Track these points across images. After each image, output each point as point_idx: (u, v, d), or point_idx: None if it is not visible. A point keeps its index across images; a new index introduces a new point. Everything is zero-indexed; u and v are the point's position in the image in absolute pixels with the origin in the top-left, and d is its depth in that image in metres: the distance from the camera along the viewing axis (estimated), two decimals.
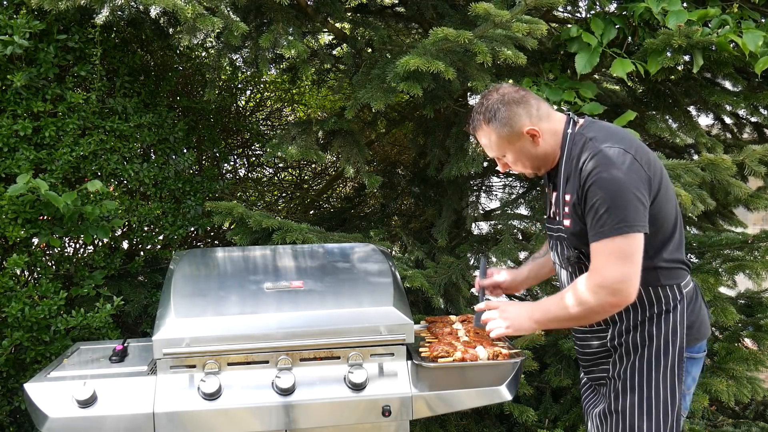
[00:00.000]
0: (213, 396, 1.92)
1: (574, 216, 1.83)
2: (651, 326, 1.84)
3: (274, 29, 2.80)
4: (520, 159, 1.92)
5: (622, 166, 1.73)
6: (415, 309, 3.11)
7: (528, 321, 1.88)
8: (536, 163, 1.93)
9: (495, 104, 1.87)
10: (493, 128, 1.88)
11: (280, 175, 4.80)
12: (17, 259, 2.55)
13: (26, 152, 2.65)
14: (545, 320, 1.88)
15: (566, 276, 1.98)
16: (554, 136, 1.89)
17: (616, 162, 1.74)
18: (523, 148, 1.89)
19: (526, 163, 1.93)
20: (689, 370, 1.88)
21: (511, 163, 1.95)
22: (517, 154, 1.91)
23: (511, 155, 1.92)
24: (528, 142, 1.88)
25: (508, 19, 2.50)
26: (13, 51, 2.56)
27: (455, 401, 2.07)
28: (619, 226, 1.70)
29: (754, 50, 2.67)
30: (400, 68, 2.52)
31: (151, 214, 3.02)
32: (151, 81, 3.17)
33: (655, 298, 1.84)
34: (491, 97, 1.90)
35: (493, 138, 1.90)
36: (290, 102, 4.53)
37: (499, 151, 1.92)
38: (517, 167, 1.96)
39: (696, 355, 1.90)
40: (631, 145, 1.79)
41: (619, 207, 1.70)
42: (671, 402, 1.83)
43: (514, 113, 1.85)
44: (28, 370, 2.71)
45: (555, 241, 1.98)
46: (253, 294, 2.11)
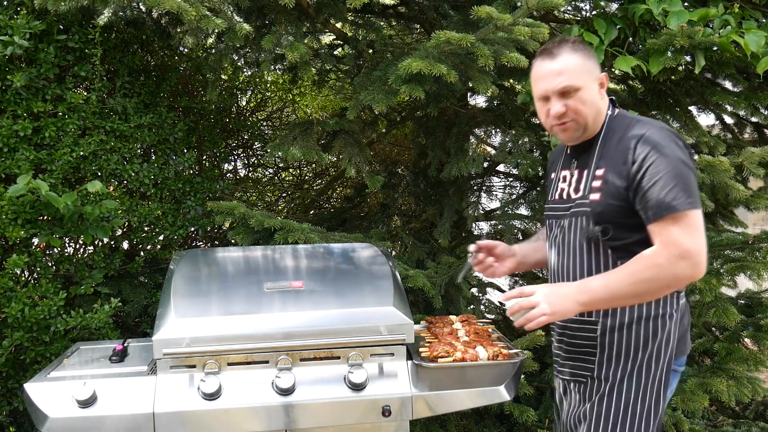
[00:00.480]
0: (213, 396, 1.91)
1: (608, 191, 1.78)
2: (647, 329, 1.80)
3: (276, 30, 2.80)
4: (589, 102, 1.83)
5: (680, 147, 1.75)
6: (416, 309, 3.11)
7: (573, 304, 1.73)
8: (591, 116, 1.84)
9: (576, 40, 1.88)
10: (580, 55, 1.83)
11: (280, 175, 4.80)
12: (17, 260, 2.55)
13: (26, 152, 2.65)
14: (596, 300, 1.74)
15: (574, 257, 1.89)
16: (604, 103, 1.89)
17: (675, 142, 1.75)
18: (593, 91, 1.84)
19: (588, 110, 1.83)
20: (672, 382, 1.86)
21: (579, 101, 1.82)
22: (589, 94, 1.83)
23: (584, 92, 1.82)
24: (597, 90, 1.86)
25: (510, 23, 2.50)
26: (14, 51, 2.56)
27: (455, 401, 2.07)
28: (690, 200, 1.69)
29: (756, 50, 2.66)
30: (402, 71, 2.51)
31: (151, 215, 3.01)
32: (152, 81, 3.17)
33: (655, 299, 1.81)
34: (569, 39, 1.90)
35: (577, 63, 1.82)
36: (291, 102, 4.53)
37: (578, 79, 1.81)
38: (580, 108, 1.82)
39: (679, 368, 1.89)
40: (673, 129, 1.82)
41: (687, 183, 1.70)
42: (654, 412, 1.79)
43: (593, 55, 1.87)
44: (28, 371, 2.71)
45: (571, 218, 1.88)
46: (253, 294, 2.11)
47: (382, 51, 3.09)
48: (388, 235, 3.49)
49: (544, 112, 1.89)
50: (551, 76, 1.83)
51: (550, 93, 1.84)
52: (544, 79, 1.85)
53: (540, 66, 1.87)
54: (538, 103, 1.91)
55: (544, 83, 1.85)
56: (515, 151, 3.08)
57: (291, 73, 3.62)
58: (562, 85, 1.82)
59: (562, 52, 1.83)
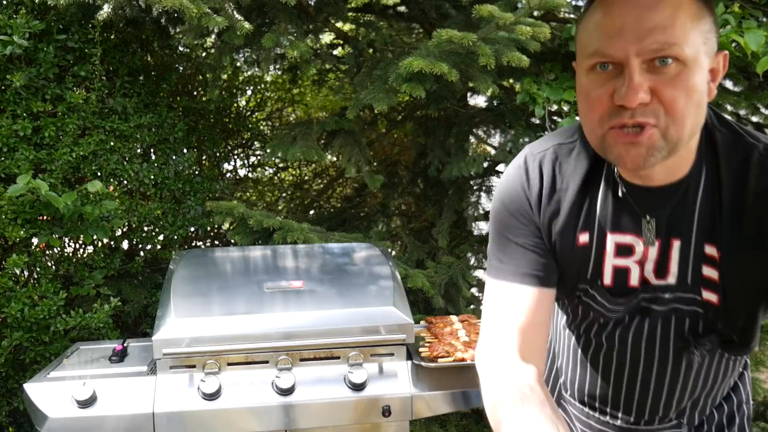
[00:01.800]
0: (213, 396, 1.91)
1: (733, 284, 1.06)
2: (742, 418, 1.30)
3: (276, 29, 2.80)
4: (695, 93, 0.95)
5: None
6: (416, 309, 3.10)
7: None
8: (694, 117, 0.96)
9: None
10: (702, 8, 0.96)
11: (280, 175, 4.80)
12: (17, 260, 2.55)
13: (26, 152, 2.64)
14: None
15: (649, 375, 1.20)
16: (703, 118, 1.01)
17: None
18: (702, 76, 0.96)
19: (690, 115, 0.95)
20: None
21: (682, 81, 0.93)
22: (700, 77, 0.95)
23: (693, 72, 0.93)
24: (704, 76, 0.96)
25: (512, 22, 2.49)
26: (13, 51, 2.56)
27: (455, 401, 2.06)
28: None
29: (756, 50, 2.66)
30: (403, 70, 2.51)
31: (151, 215, 3.01)
32: (151, 81, 3.17)
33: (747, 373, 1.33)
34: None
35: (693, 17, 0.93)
36: (291, 102, 4.52)
37: (688, 46, 0.92)
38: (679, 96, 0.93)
39: None
40: None
41: None
42: None
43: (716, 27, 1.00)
44: (27, 371, 2.70)
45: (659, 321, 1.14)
46: (253, 294, 2.11)
47: (383, 50, 3.09)
48: (388, 235, 3.48)
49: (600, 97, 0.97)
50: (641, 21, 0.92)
51: (631, 55, 0.93)
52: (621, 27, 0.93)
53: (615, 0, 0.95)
54: (587, 77, 0.99)
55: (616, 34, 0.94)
56: (515, 151, 3.08)
57: (291, 73, 3.61)
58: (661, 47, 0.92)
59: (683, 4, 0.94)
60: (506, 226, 1.19)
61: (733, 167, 1.03)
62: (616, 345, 1.20)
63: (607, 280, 1.15)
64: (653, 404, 1.23)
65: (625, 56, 0.93)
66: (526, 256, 1.16)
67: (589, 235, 1.14)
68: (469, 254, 3.37)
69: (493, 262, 1.21)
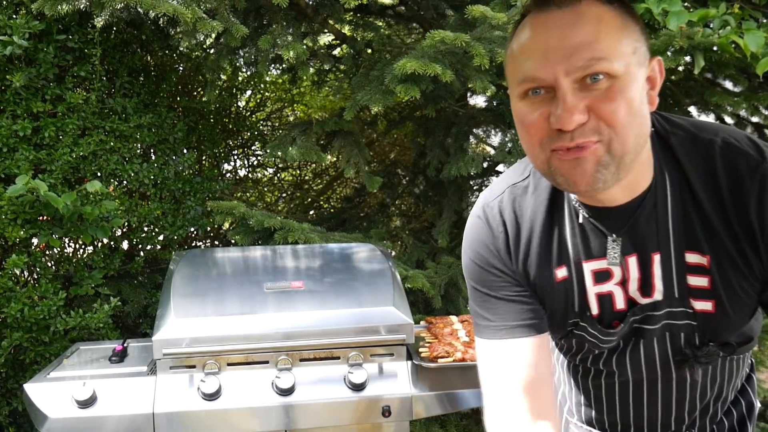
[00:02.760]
0: (213, 396, 1.91)
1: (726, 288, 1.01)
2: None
3: (273, 31, 2.80)
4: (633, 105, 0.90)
5: None
6: (415, 309, 3.10)
7: None
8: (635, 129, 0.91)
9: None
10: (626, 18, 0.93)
11: (280, 175, 4.80)
12: (17, 260, 2.55)
13: (26, 152, 2.64)
14: None
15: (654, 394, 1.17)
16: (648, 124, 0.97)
17: None
18: (638, 84, 0.92)
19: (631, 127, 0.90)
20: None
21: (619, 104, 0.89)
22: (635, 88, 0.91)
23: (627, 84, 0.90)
24: (641, 84, 0.93)
25: (504, 22, 2.50)
26: (13, 51, 2.56)
27: (455, 401, 2.07)
28: None
29: (756, 51, 2.66)
30: (398, 71, 2.51)
31: (150, 215, 3.01)
32: (151, 81, 3.17)
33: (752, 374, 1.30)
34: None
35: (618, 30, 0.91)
36: (290, 102, 4.53)
37: (617, 61, 0.89)
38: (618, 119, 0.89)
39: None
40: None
41: None
42: None
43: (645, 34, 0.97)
44: (27, 371, 2.70)
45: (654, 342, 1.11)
46: (252, 294, 2.11)
47: (381, 51, 3.09)
48: (387, 235, 3.48)
49: (536, 122, 0.93)
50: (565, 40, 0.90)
51: (560, 76, 0.90)
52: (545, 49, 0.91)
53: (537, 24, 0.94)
54: (521, 103, 0.96)
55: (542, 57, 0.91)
56: (515, 151, 3.08)
57: (290, 74, 3.62)
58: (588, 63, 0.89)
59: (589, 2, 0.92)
60: (483, 282, 1.14)
61: (699, 168, 0.99)
62: (615, 370, 1.17)
63: (594, 310, 1.10)
64: (664, 421, 1.19)
65: (555, 78, 0.89)
66: (511, 307, 1.11)
67: (566, 268, 1.09)
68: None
69: (479, 321, 1.15)
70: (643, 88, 0.93)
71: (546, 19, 0.92)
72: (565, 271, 1.09)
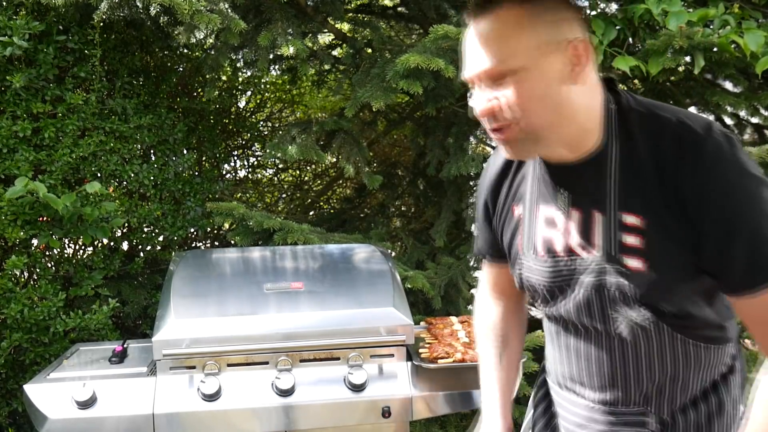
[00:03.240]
0: (213, 397, 1.91)
1: (660, 256, 1.09)
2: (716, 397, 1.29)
3: (273, 28, 2.80)
4: (534, 95, 1.07)
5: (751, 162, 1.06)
6: (415, 310, 3.10)
7: None
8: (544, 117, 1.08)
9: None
10: (530, 15, 1.07)
11: (280, 176, 4.80)
12: (17, 261, 2.55)
13: (26, 153, 2.64)
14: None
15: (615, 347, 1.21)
16: (592, 93, 1.12)
17: (744, 158, 1.05)
18: (546, 72, 1.06)
19: (539, 110, 1.08)
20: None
21: (515, 95, 1.06)
22: (535, 82, 1.06)
23: (526, 80, 1.06)
24: (559, 66, 1.07)
25: None
26: (13, 52, 2.56)
27: (455, 402, 2.07)
28: None
29: (756, 50, 2.66)
30: (400, 66, 2.51)
31: (150, 215, 3.01)
32: (151, 82, 3.17)
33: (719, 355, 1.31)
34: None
35: (516, 29, 1.07)
36: (290, 103, 4.53)
37: (512, 59, 1.06)
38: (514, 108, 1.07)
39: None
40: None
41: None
42: None
43: (565, 18, 1.09)
44: (27, 372, 2.70)
45: (591, 291, 1.17)
46: (252, 295, 2.11)
47: (381, 50, 3.09)
48: (387, 235, 3.48)
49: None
50: (472, 48, 1.11)
51: (474, 80, 1.12)
52: (466, 60, 1.13)
53: (467, 35, 1.14)
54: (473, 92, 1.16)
55: (466, 66, 1.13)
56: None
57: (290, 74, 3.61)
58: (488, 66, 1.08)
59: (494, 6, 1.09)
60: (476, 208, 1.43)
61: (649, 142, 1.09)
62: (562, 319, 1.27)
63: (540, 250, 1.23)
64: (611, 381, 1.24)
65: (471, 80, 1.13)
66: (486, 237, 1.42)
67: (522, 207, 1.28)
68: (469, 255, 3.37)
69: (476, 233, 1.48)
70: (556, 68, 1.07)
71: (469, 30, 1.13)
72: (521, 209, 1.28)
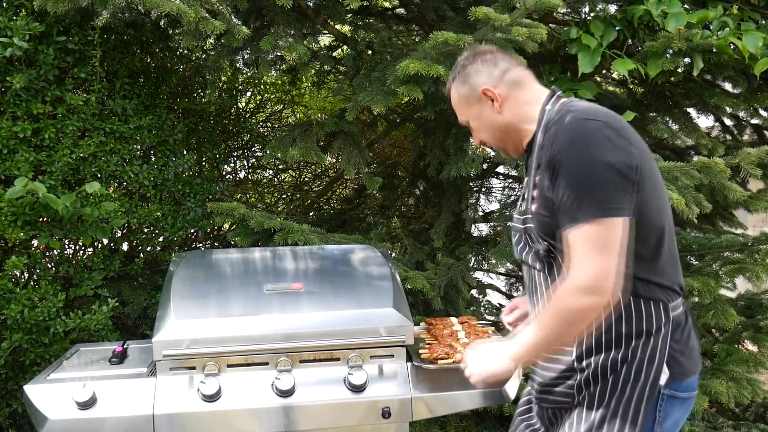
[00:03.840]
0: (213, 397, 1.91)
1: (543, 199, 1.54)
2: (627, 349, 1.52)
3: (274, 32, 2.81)
4: (482, 127, 1.70)
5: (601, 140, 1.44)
6: (415, 310, 3.11)
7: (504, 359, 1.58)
8: (498, 135, 1.69)
9: (462, 61, 1.72)
10: (456, 88, 1.71)
11: (280, 176, 4.80)
12: (17, 261, 2.55)
13: (26, 154, 2.64)
14: (524, 352, 1.55)
15: (537, 278, 1.65)
16: (524, 107, 1.64)
17: (594, 136, 1.45)
18: (482, 114, 1.67)
19: (488, 134, 1.70)
20: (669, 410, 1.55)
21: (474, 131, 1.74)
22: (478, 121, 1.70)
23: (473, 122, 1.72)
24: (487, 106, 1.66)
25: (508, 23, 2.50)
26: (13, 53, 2.56)
27: (455, 403, 2.07)
28: (592, 210, 1.42)
29: (754, 52, 2.67)
30: (400, 72, 2.52)
31: (150, 216, 3.01)
32: (151, 83, 3.17)
33: (635, 311, 1.52)
34: (463, 55, 1.74)
35: (455, 99, 1.73)
36: (290, 104, 4.53)
37: (462, 114, 1.73)
38: (481, 137, 1.73)
39: (680, 393, 1.56)
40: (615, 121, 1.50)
41: (594, 188, 1.43)
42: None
43: (475, 70, 1.67)
44: (27, 372, 2.71)
45: (522, 234, 1.66)
46: (253, 295, 2.11)
47: (381, 52, 3.10)
48: (387, 236, 3.49)
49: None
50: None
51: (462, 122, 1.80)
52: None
53: None
54: None
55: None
56: None
57: (290, 75, 3.62)
58: (460, 122, 1.78)
59: (448, 88, 1.76)
60: None
61: (549, 130, 1.54)
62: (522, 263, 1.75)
63: (520, 206, 1.70)
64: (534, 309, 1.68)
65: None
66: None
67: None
68: (469, 256, 3.38)
69: None
70: (484, 109, 1.67)
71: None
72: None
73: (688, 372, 1.56)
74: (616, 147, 1.44)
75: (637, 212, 1.47)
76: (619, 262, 1.42)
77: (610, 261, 1.42)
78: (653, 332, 1.52)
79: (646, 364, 1.52)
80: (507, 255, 3.02)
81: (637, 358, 1.52)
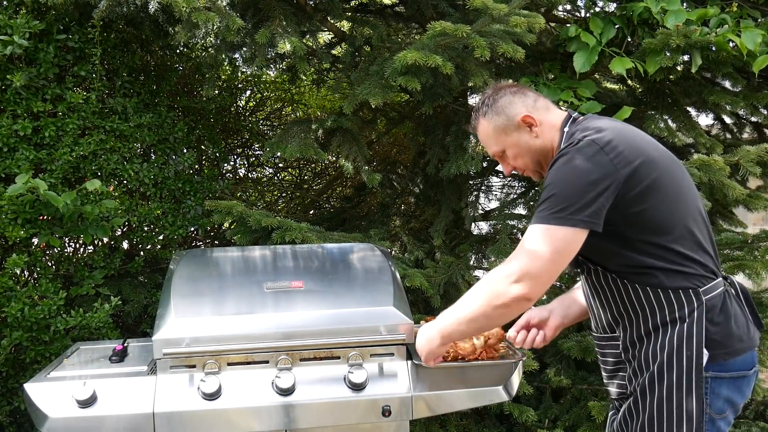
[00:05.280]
0: (213, 396, 1.92)
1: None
2: (664, 337, 1.62)
3: (271, 25, 2.80)
4: (520, 153, 1.81)
5: (586, 155, 1.57)
6: (415, 309, 3.11)
7: (436, 334, 1.77)
8: (536, 158, 1.81)
9: (491, 96, 1.83)
10: (489, 120, 1.81)
11: (280, 175, 4.80)
12: (17, 259, 2.55)
13: (26, 152, 2.65)
14: (449, 324, 1.73)
15: (584, 283, 1.83)
16: (552, 130, 1.78)
17: (581, 151, 1.59)
18: (521, 140, 1.79)
19: (527, 159, 1.82)
20: (717, 391, 1.61)
21: (512, 159, 1.83)
22: (516, 148, 1.80)
23: (510, 150, 1.82)
24: (525, 132, 1.78)
25: (506, 13, 2.50)
26: (13, 51, 2.56)
27: (455, 401, 2.07)
28: (545, 214, 1.57)
29: (753, 49, 2.67)
30: (398, 63, 2.52)
31: (151, 214, 3.02)
32: (151, 81, 3.17)
33: (666, 302, 1.62)
34: (488, 92, 1.87)
35: (490, 131, 1.82)
36: (290, 102, 4.53)
37: (497, 145, 1.83)
38: (519, 164, 1.84)
39: (726, 374, 1.62)
40: (606, 137, 1.61)
41: (564, 196, 1.56)
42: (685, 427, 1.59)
43: (509, 101, 1.80)
44: (27, 370, 2.71)
45: None
46: (253, 294, 2.11)
47: (380, 48, 3.10)
48: (387, 235, 3.49)
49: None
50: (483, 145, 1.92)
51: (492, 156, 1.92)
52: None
53: None
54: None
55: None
56: None
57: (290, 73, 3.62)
58: (492, 154, 1.88)
59: (476, 126, 1.87)
60: None
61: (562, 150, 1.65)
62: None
63: None
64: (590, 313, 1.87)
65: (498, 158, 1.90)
66: None
67: None
68: (469, 254, 3.38)
69: None
70: (522, 135, 1.79)
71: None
72: None
73: (734, 351, 1.62)
74: (595, 162, 1.56)
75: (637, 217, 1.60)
76: (552, 269, 1.56)
77: (543, 264, 1.55)
78: (686, 318, 1.60)
79: (685, 350, 1.59)
80: (506, 253, 3.03)
81: (675, 345, 1.60)
